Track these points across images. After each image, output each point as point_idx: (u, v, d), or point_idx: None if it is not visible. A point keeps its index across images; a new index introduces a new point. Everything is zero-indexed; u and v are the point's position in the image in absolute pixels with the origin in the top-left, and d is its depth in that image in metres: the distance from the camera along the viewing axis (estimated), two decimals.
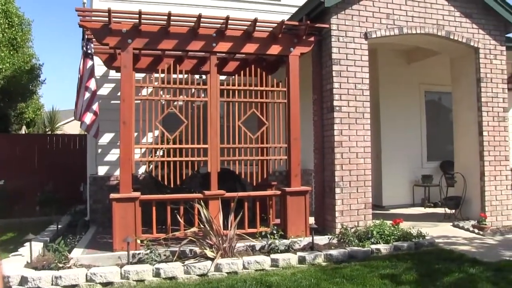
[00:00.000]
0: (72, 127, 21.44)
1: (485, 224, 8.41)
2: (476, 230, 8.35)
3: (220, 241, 6.57)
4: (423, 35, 8.59)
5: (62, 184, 12.07)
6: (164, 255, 6.50)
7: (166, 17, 7.07)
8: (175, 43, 7.39)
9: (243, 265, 6.34)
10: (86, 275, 5.83)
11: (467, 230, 8.50)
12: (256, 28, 7.57)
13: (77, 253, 6.64)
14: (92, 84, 7.62)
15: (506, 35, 9.31)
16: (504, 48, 9.20)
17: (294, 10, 9.04)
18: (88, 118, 7.58)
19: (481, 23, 9.00)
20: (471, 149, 9.18)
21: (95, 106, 7.64)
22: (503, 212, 8.95)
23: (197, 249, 6.59)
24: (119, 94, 7.45)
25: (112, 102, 9.24)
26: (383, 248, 7.07)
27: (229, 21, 7.35)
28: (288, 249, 6.94)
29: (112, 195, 6.85)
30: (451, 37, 8.73)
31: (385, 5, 8.20)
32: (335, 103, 7.74)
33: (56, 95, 59.88)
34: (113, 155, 9.28)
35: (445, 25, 8.68)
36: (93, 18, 7.16)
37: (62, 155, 13.03)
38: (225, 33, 7.50)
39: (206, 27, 7.47)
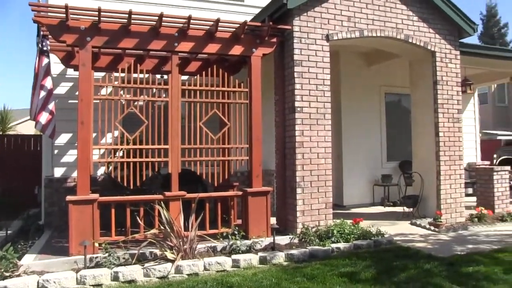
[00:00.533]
0: (26, 127, 20.84)
1: (441, 221, 8.64)
2: (432, 227, 8.59)
3: (181, 243, 6.50)
4: (383, 38, 8.76)
5: (15, 187, 11.69)
6: (123, 258, 6.37)
7: (127, 15, 6.92)
8: (136, 42, 7.26)
9: (204, 266, 6.30)
10: (38, 282, 5.61)
11: (424, 227, 8.72)
12: (219, 28, 7.53)
13: (29, 260, 6.40)
14: (48, 83, 7.37)
15: (460, 40, 9.60)
16: (458, 52, 9.50)
17: (257, 11, 9.06)
18: (44, 118, 7.32)
19: (438, 28, 9.25)
20: (428, 149, 9.41)
21: (51, 106, 7.39)
22: (457, 210, 9.23)
23: (157, 251, 6.51)
24: (77, 93, 7.27)
25: (70, 101, 9.04)
26: (343, 246, 7.16)
27: (192, 21, 7.29)
28: (250, 249, 6.94)
29: (69, 197, 6.66)
30: (410, 40, 8.93)
31: (346, 8, 8.31)
32: (297, 104, 7.79)
33: (9, 93, 58.22)
34: (71, 156, 9.04)
35: (404, 29, 8.87)
36: (49, 14, 6.95)
37: (15, 156, 12.58)
38: (187, 33, 7.44)
39: (168, 26, 7.38)
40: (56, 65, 8.85)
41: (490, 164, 14.53)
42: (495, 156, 16.69)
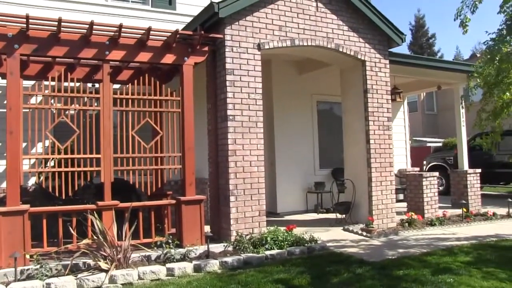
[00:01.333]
0: None
1: (372, 227, 8.84)
2: (364, 233, 8.77)
3: (115, 252, 6.41)
4: (314, 47, 8.92)
5: None
6: (56, 269, 6.20)
7: (56, 22, 6.78)
8: (66, 50, 7.13)
9: (139, 275, 6.22)
10: None
11: (356, 233, 8.90)
12: (150, 37, 7.50)
13: None
14: None
15: (389, 50, 9.92)
16: (387, 61, 9.81)
17: (189, 19, 9.06)
18: None
19: (367, 38, 9.53)
20: (359, 156, 9.64)
21: None
22: (388, 215, 9.48)
23: (91, 262, 6.39)
24: (5, 102, 7.07)
25: None
26: (277, 253, 7.22)
27: (123, 29, 7.22)
28: (184, 258, 6.89)
29: None
30: (340, 49, 9.15)
31: (277, 17, 8.43)
32: (229, 112, 7.83)
33: None
34: None
35: (334, 38, 9.08)
36: None
37: None
38: (118, 41, 7.36)
39: (99, 34, 7.28)
40: None
41: (420, 170, 15.05)
42: (424, 162, 17.29)
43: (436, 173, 11.18)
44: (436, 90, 14.48)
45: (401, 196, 12.93)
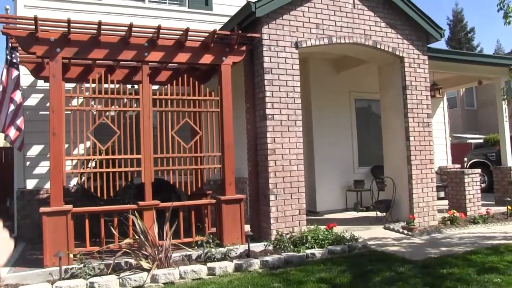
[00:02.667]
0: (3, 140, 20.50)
1: (414, 225, 8.71)
2: (405, 231, 8.66)
3: (156, 252, 6.49)
4: (351, 44, 8.87)
5: None
6: (99, 268, 6.33)
7: (96, 26, 6.92)
8: (106, 53, 7.27)
9: (180, 274, 6.28)
10: None
11: (397, 231, 8.80)
12: (188, 37, 7.56)
13: (3, 272, 6.27)
14: (17, 96, 7.33)
15: (428, 45, 9.77)
16: (426, 57, 9.66)
17: (226, 19, 9.10)
18: (12, 132, 7.31)
19: (405, 34, 9.41)
20: (399, 154, 9.52)
21: (19, 121, 7.34)
22: (429, 213, 9.34)
23: (133, 261, 6.48)
24: (48, 104, 7.25)
25: (41, 113, 8.97)
26: (318, 252, 7.20)
27: (161, 31, 7.32)
28: (225, 257, 6.93)
29: (43, 209, 6.62)
30: (378, 46, 9.06)
31: (314, 16, 8.41)
32: (268, 111, 7.84)
33: None
34: (43, 167, 8.98)
35: (372, 35, 9.00)
36: (18, 26, 6.92)
37: None
38: (157, 43, 7.45)
39: (138, 36, 7.40)
40: (26, 77, 8.81)
41: (460, 167, 14.76)
42: (465, 159, 16.93)
43: (478, 170, 10.92)
44: (476, 85, 14.14)
45: (442, 194, 12.70)
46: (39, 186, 9.02)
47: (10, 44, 7.43)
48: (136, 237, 6.73)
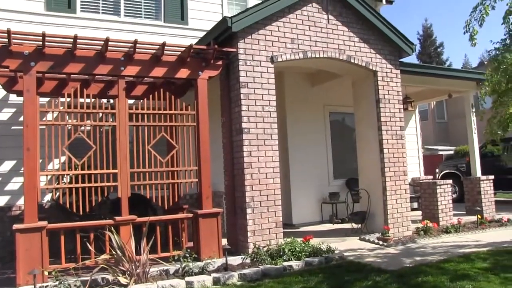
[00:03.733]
0: None
1: (389, 236, 8.82)
2: (381, 242, 8.75)
3: (133, 267, 6.43)
4: (326, 59, 9.00)
5: None
6: (75, 285, 6.22)
7: (72, 39, 6.89)
8: (82, 67, 7.22)
9: None
10: None
11: (373, 242, 8.89)
12: (165, 52, 7.58)
13: None
14: None
15: (400, 60, 9.97)
16: (398, 71, 9.85)
17: (202, 34, 9.14)
18: None
19: (378, 48, 9.59)
20: (373, 165, 9.65)
21: None
22: (403, 224, 9.46)
23: (110, 277, 6.42)
24: (21, 119, 7.15)
25: (13, 127, 8.82)
26: (295, 264, 7.22)
27: (138, 45, 7.32)
28: (202, 271, 6.89)
29: (16, 226, 6.50)
30: (352, 60, 9.20)
31: (290, 31, 8.51)
32: (244, 125, 7.88)
33: None
34: (15, 183, 8.79)
35: (346, 50, 9.14)
36: None
37: None
38: (133, 57, 7.45)
39: (114, 50, 7.38)
40: None
41: (433, 178, 14.99)
42: (437, 170, 17.25)
43: (450, 181, 11.13)
44: (447, 98, 14.45)
45: (415, 205, 12.88)
46: (11, 203, 8.83)
47: None
48: (113, 252, 6.66)
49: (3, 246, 8.39)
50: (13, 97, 8.93)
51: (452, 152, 20.32)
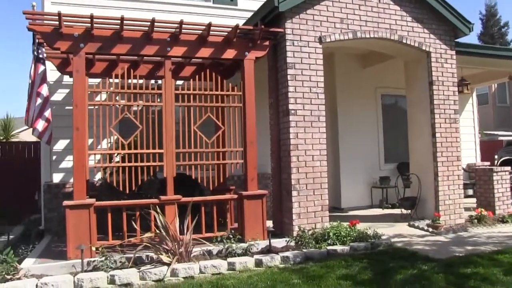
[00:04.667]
0: (29, 135, 20.90)
1: (439, 223, 8.57)
2: (431, 229, 8.52)
3: (176, 246, 6.52)
4: (376, 39, 8.75)
5: (17, 192, 11.75)
6: (120, 261, 6.38)
7: (119, 21, 6.99)
8: (128, 48, 7.32)
9: (200, 269, 6.30)
10: (37, 285, 5.67)
11: (422, 229, 8.66)
12: (211, 32, 7.57)
13: (29, 263, 6.48)
14: (44, 90, 7.47)
15: (456, 40, 9.56)
16: (454, 52, 9.45)
17: (251, 14, 9.07)
18: (40, 125, 7.44)
19: (432, 28, 9.23)
20: (425, 150, 9.36)
21: (47, 113, 7.49)
22: (455, 211, 9.15)
23: (153, 255, 6.53)
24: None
25: (67, 108, 9.07)
26: (340, 249, 7.13)
27: (183, 26, 7.34)
28: (246, 252, 6.92)
29: (66, 202, 6.74)
30: (404, 41, 8.91)
31: (339, 10, 8.31)
32: (291, 106, 7.79)
33: (10, 102, 58.66)
34: (69, 161, 9.08)
35: (397, 30, 8.85)
36: (44, 22, 7.02)
37: (16, 163, 12.58)
38: (179, 38, 7.48)
39: (160, 31, 7.43)
40: (52, 72, 8.99)
41: (490, 165, 14.46)
42: (496, 157, 16.61)
43: (508, 168, 10.63)
44: (507, 81, 13.82)
45: (470, 192, 12.48)
46: (65, 180, 9.17)
47: (36, 40, 7.58)
48: (157, 231, 6.78)
49: (58, 221, 8.76)
50: (66, 78, 9.22)
51: None
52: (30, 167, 12.16)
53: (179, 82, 8.51)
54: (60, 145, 9.20)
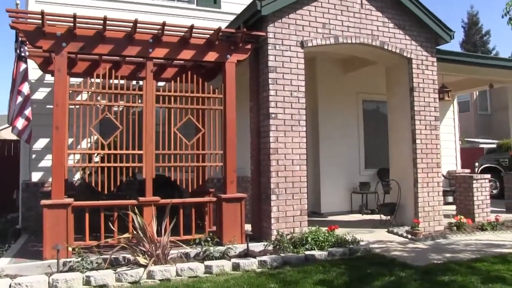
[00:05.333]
0: (10, 133, 20.73)
1: (418, 230, 8.58)
2: (410, 236, 8.54)
3: (154, 248, 6.48)
4: (358, 44, 8.79)
5: None
6: (96, 262, 6.34)
7: (101, 21, 6.96)
8: (111, 48, 7.29)
9: (176, 272, 6.27)
10: (10, 285, 5.60)
11: (401, 235, 8.69)
12: (193, 34, 7.55)
13: (3, 263, 6.41)
14: (25, 88, 7.43)
15: (437, 47, 9.64)
16: (435, 59, 9.52)
17: (234, 17, 9.08)
18: (20, 123, 7.40)
19: (414, 35, 9.30)
20: (405, 156, 9.41)
21: (27, 111, 7.45)
22: (435, 218, 9.18)
23: (130, 256, 6.48)
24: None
25: (48, 106, 9.04)
26: (318, 254, 7.12)
27: (166, 27, 7.32)
28: (223, 256, 6.90)
29: (43, 202, 6.69)
30: (385, 47, 8.97)
31: (321, 15, 8.34)
32: (271, 110, 7.80)
33: None
34: (48, 160, 9.01)
35: (379, 36, 8.91)
36: (27, 20, 6.98)
37: None
38: (161, 39, 7.46)
39: (143, 32, 7.41)
40: (35, 71, 8.95)
41: (471, 172, 14.57)
42: (476, 164, 16.73)
43: (488, 175, 10.70)
44: (488, 89, 13.94)
45: (450, 199, 12.56)
46: (44, 179, 9.11)
47: (19, 38, 7.57)
48: (135, 232, 6.75)
49: (36, 220, 8.67)
50: (48, 77, 9.22)
51: (494, 146, 19.61)
52: (9, 166, 12.04)
53: (161, 84, 8.48)
54: (40, 144, 9.15)
